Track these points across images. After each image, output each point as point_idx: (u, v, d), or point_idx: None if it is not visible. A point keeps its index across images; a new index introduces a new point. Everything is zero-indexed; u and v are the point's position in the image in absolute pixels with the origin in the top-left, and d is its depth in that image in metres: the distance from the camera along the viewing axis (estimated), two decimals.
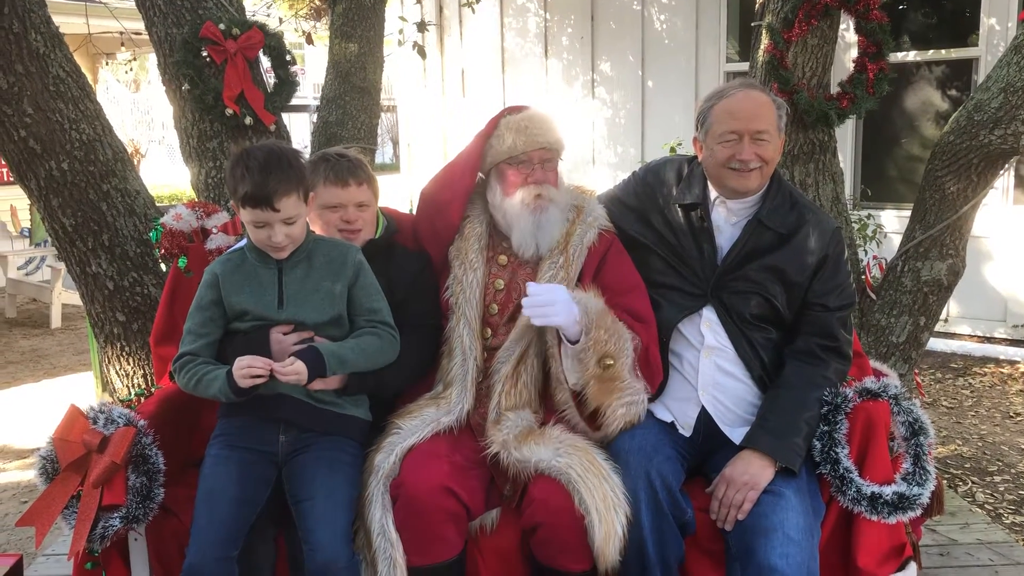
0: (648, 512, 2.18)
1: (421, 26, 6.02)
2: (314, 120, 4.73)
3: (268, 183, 2.12)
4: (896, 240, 3.75)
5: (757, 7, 3.90)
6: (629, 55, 7.32)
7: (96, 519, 2.13)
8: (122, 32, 7.17)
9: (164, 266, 3.15)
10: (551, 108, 2.70)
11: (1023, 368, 5.73)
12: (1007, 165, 3.49)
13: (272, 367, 2.12)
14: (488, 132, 2.52)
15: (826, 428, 2.30)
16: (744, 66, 5.37)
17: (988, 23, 5.89)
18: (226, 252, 2.44)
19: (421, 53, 5.96)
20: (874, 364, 2.72)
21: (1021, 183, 5.98)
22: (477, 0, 6.35)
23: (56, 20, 3.20)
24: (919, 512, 2.25)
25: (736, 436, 2.37)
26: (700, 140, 2.49)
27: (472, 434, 2.41)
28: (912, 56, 6.25)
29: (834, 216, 3.49)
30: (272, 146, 2.23)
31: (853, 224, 4.28)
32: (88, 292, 3.38)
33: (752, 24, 3.94)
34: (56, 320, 7.47)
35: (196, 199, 3.49)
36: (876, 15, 3.39)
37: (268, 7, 8.93)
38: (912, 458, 2.28)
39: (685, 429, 2.42)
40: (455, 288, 2.50)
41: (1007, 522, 3.61)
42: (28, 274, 8.05)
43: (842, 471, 2.25)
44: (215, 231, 2.84)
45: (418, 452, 2.28)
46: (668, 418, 2.44)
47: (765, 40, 3.53)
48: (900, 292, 3.54)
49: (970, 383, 5.49)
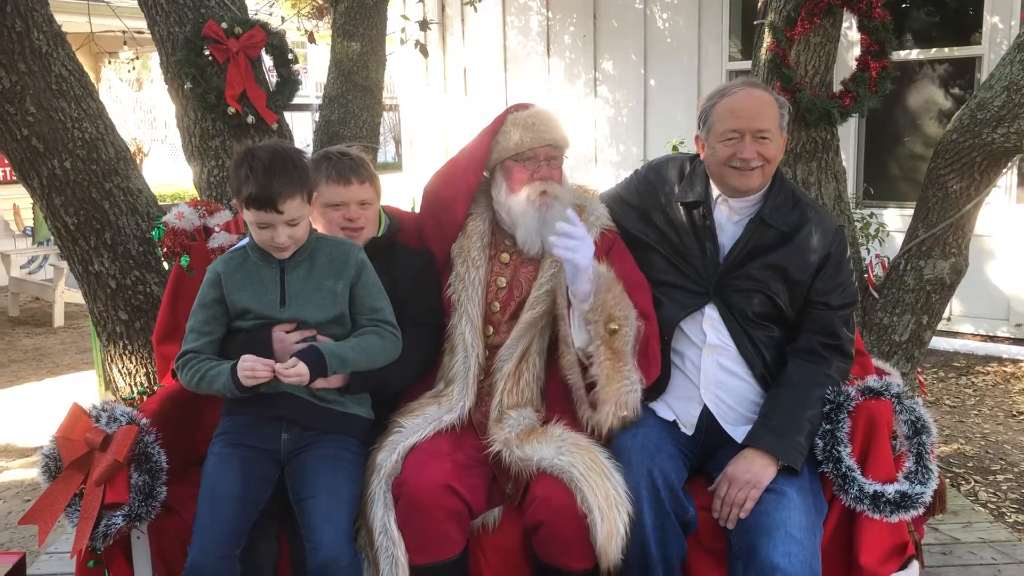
0: (650, 511, 2.18)
1: (423, 25, 6.02)
2: (316, 119, 4.73)
3: (272, 185, 2.12)
4: (899, 239, 3.75)
5: (759, 5, 3.89)
6: (631, 54, 7.31)
7: (99, 517, 2.13)
8: (124, 31, 7.17)
9: (166, 265, 3.16)
10: (554, 107, 2.70)
11: None
12: (1010, 163, 3.48)
13: (274, 368, 2.12)
14: (495, 128, 2.52)
15: (828, 427, 2.30)
16: (746, 64, 5.36)
17: (991, 21, 5.88)
18: (228, 251, 2.44)
19: (423, 52, 5.95)
20: (876, 363, 2.72)
21: None
22: None
23: (58, 19, 3.20)
24: (921, 511, 2.25)
25: (738, 435, 2.37)
26: (702, 138, 2.48)
27: (474, 432, 2.41)
28: (915, 54, 6.24)
29: (836, 215, 3.49)
30: (276, 147, 2.22)
31: (856, 223, 4.27)
32: (91, 291, 3.38)
33: (754, 22, 3.93)
34: (59, 319, 7.48)
35: (198, 198, 3.49)
36: (879, 13, 3.38)
37: (270, 6, 8.93)
38: (914, 457, 2.28)
39: (687, 428, 2.42)
40: (457, 286, 2.50)
41: (1010, 521, 3.60)
42: (31, 273, 8.06)
43: (844, 470, 2.24)
44: (217, 230, 2.84)
45: (420, 450, 2.28)
46: (670, 417, 2.43)
47: (767, 38, 3.52)
48: (903, 291, 3.54)
49: (973, 382, 5.49)
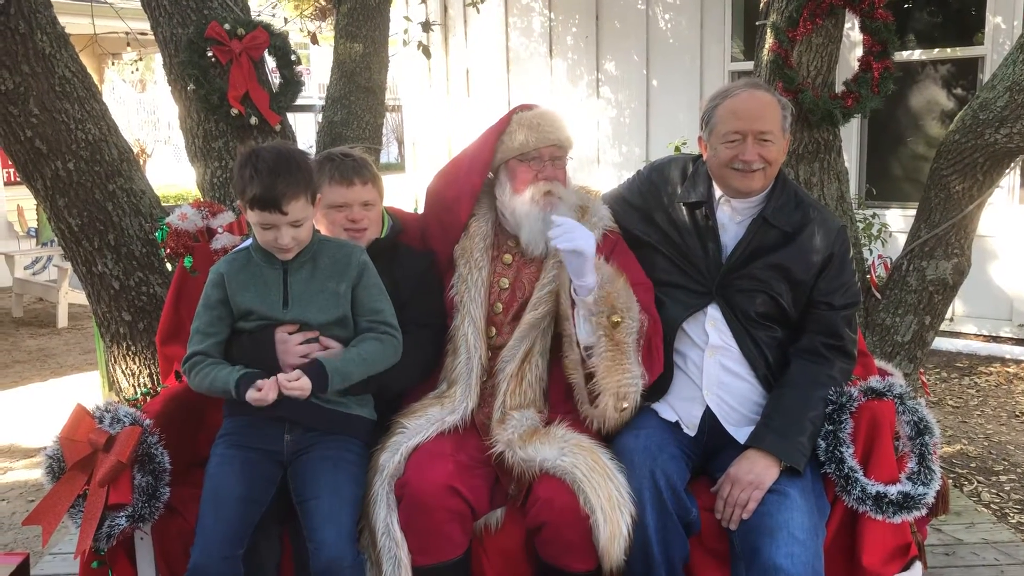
0: (653, 511, 2.18)
1: (426, 26, 6.02)
2: (319, 120, 4.74)
3: (277, 186, 2.12)
4: (901, 239, 3.75)
5: (762, 6, 3.89)
6: (634, 54, 7.31)
7: (102, 518, 2.13)
8: (128, 32, 7.18)
9: (170, 266, 3.16)
10: (557, 108, 2.70)
11: None
12: (1013, 164, 3.48)
13: (278, 381, 2.12)
14: (500, 129, 2.52)
15: (831, 427, 2.30)
16: (749, 65, 5.36)
17: (994, 21, 5.87)
18: (231, 252, 2.44)
19: (426, 53, 5.96)
20: (879, 363, 2.72)
21: None
22: (482, 0, 6.34)
23: (62, 20, 3.21)
24: (924, 512, 2.25)
25: (741, 435, 2.37)
26: (705, 139, 2.48)
27: (477, 433, 2.42)
28: (917, 55, 6.23)
29: (839, 215, 3.49)
30: (280, 148, 2.22)
31: (858, 223, 4.27)
32: (94, 292, 3.39)
33: (757, 23, 3.94)
34: (63, 319, 7.49)
35: (201, 199, 3.50)
36: (881, 14, 3.38)
37: (273, 7, 8.94)
38: (917, 457, 2.28)
39: (690, 429, 2.42)
40: (460, 287, 2.51)
41: (1013, 521, 3.59)
42: (35, 273, 8.07)
43: (847, 470, 2.24)
44: (220, 231, 2.85)
45: (423, 451, 2.28)
46: (673, 418, 2.43)
47: (770, 39, 3.52)
48: (905, 291, 3.53)
49: (976, 382, 5.48)
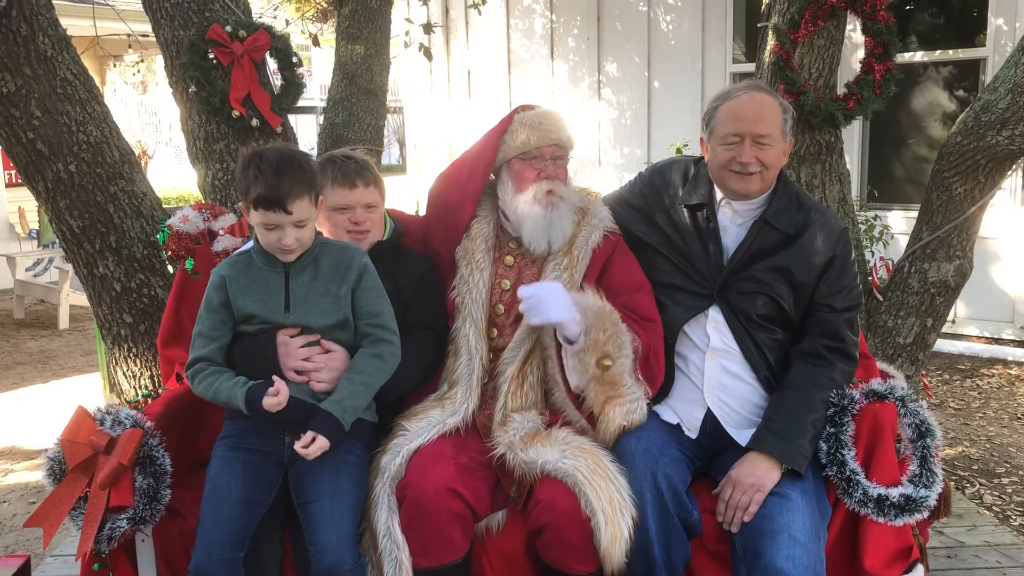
0: (654, 514, 2.17)
1: (427, 28, 6.02)
2: (320, 122, 4.74)
3: (281, 185, 2.12)
4: (903, 241, 3.74)
5: (763, 8, 3.89)
6: (635, 56, 7.31)
7: (103, 520, 2.13)
8: (129, 34, 7.19)
9: (171, 268, 3.16)
10: (559, 109, 2.71)
11: None
12: (1015, 166, 3.48)
13: (298, 451, 2.09)
14: (501, 129, 2.52)
15: (832, 430, 2.30)
16: (750, 67, 5.36)
17: (995, 23, 5.87)
18: (232, 254, 2.44)
19: (427, 55, 5.96)
20: (881, 366, 2.72)
21: None
22: (483, 2, 6.34)
23: (63, 22, 3.21)
24: (926, 514, 2.25)
25: (742, 438, 2.37)
26: (706, 141, 2.49)
27: (478, 435, 2.41)
28: (919, 57, 6.23)
29: (841, 217, 3.48)
30: (283, 148, 2.22)
31: (860, 225, 4.27)
32: (95, 293, 3.39)
33: (758, 25, 3.93)
34: (64, 321, 7.50)
35: (203, 201, 3.50)
36: (883, 16, 3.38)
37: (275, 9, 8.95)
38: (919, 460, 2.27)
39: (691, 431, 2.42)
40: (461, 288, 2.50)
41: (1015, 524, 3.59)
42: (36, 275, 8.08)
43: (848, 473, 2.24)
44: (222, 233, 2.84)
45: (424, 454, 2.28)
46: (674, 420, 2.43)
47: (771, 41, 3.52)
48: (907, 293, 3.53)
49: (977, 384, 5.47)
